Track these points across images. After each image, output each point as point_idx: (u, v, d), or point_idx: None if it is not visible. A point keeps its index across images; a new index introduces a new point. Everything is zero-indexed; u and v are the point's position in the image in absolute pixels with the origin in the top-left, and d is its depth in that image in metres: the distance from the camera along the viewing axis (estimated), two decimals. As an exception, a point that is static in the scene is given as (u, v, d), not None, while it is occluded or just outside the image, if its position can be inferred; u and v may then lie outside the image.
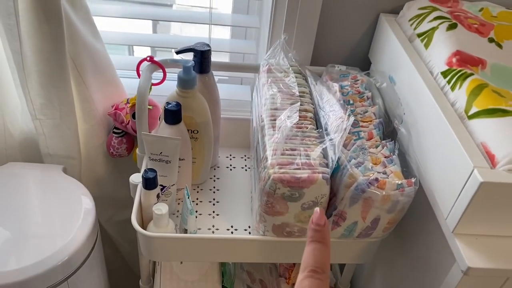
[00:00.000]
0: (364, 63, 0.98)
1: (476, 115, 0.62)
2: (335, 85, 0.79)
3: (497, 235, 0.61)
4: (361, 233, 0.71)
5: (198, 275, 0.95)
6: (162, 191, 0.78)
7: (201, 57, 0.80)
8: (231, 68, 0.95)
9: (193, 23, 1.02)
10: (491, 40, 0.77)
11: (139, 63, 0.81)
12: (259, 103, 0.80)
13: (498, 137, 0.59)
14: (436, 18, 0.80)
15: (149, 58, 0.80)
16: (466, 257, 0.57)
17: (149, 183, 0.73)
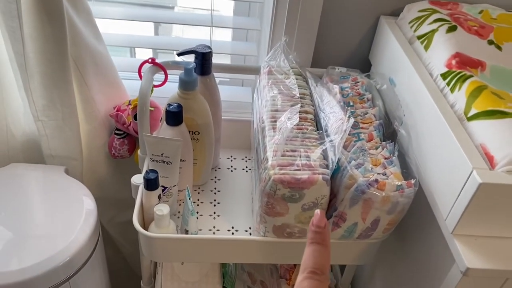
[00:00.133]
0: (364, 65, 0.99)
1: (475, 116, 0.63)
2: (336, 87, 0.80)
3: (496, 236, 0.61)
4: (361, 234, 0.72)
5: (199, 276, 0.95)
6: (163, 192, 0.79)
7: (203, 59, 0.80)
8: (232, 70, 0.96)
9: (195, 25, 1.03)
10: (491, 42, 0.77)
11: (141, 65, 0.82)
12: (259, 104, 0.80)
13: (497, 138, 0.59)
14: (436, 20, 0.80)
15: (150, 60, 0.81)
16: (465, 258, 0.58)
17: (150, 184, 0.73)
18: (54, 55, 0.80)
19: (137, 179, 0.79)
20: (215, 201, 0.88)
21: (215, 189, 0.91)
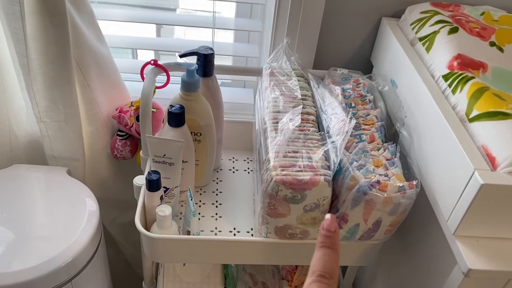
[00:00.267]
0: (366, 66, 0.99)
1: (477, 118, 0.63)
2: (337, 88, 0.80)
3: (498, 237, 0.61)
4: (363, 235, 0.72)
5: (200, 277, 0.95)
6: (165, 193, 0.79)
7: (205, 60, 0.80)
8: (234, 71, 0.96)
9: (197, 27, 1.03)
10: (492, 44, 0.77)
11: (143, 67, 0.82)
12: (261, 106, 0.81)
13: (498, 139, 0.59)
14: (437, 22, 0.81)
15: (153, 61, 0.81)
16: (467, 259, 0.58)
17: (152, 185, 0.73)
18: (56, 56, 0.80)
19: (139, 180, 0.79)
20: (217, 202, 0.88)
21: (217, 190, 0.91)
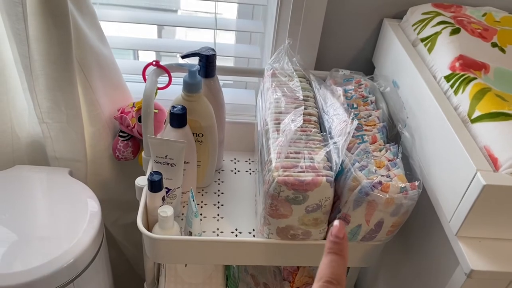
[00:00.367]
0: (367, 67, 0.99)
1: (479, 118, 0.63)
2: (339, 89, 0.80)
3: (500, 238, 0.61)
4: (365, 236, 0.72)
5: (202, 278, 0.95)
6: (167, 193, 0.79)
7: (207, 61, 0.81)
8: (237, 72, 0.96)
9: (199, 28, 1.03)
10: (494, 44, 0.77)
11: (145, 68, 0.82)
12: (263, 107, 0.81)
13: (501, 140, 0.59)
14: (439, 23, 0.81)
15: (155, 62, 0.81)
16: (469, 260, 0.58)
17: (154, 185, 0.73)
18: (59, 57, 0.81)
19: (141, 181, 0.79)
20: (218, 203, 0.88)
21: (218, 191, 0.91)
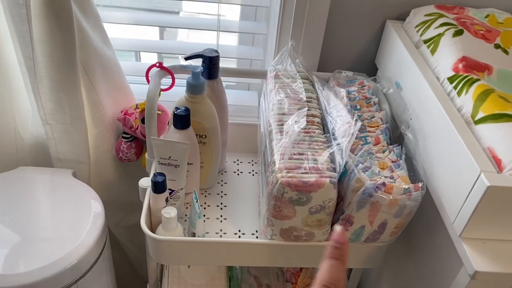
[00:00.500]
0: (370, 69, 0.99)
1: (482, 120, 0.63)
2: (342, 91, 0.80)
3: (504, 239, 0.61)
4: (368, 237, 0.72)
5: (205, 279, 0.95)
6: (170, 195, 0.79)
7: (210, 63, 0.81)
8: (240, 74, 0.96)
9: (202, 29, 1.03)
10: (497, 46, 0.77)
11: (149, 69, 0.82)
12: (266, 108, 0.81)
13: (504, 141, 0.59)
14: (442, 24, 0.81)
15: (158, 64, 0.81)
16: (473, 261, 0.58)
17: (158, 187, 0.74)
18: (62, 59, 0.81)
19: (145, 182, 0.79)
20: (221, 204, 0.88)
21: (221, 192, 0.91)
